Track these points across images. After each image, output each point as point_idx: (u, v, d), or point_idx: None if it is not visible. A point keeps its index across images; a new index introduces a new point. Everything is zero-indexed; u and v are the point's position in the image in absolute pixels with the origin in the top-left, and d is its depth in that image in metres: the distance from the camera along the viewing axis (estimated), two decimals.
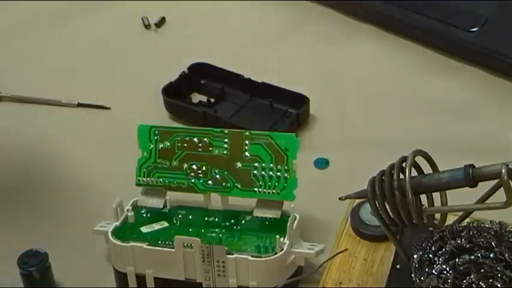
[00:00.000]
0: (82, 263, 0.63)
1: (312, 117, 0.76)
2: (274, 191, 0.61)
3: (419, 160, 0.52)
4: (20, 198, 0.70)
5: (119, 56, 0.86)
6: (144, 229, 0.61)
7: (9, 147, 0.75)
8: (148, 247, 0.58)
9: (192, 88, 0.80)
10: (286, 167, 0.61)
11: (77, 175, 0.72)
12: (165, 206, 0.63)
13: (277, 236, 0.58)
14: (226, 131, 0.62)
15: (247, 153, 0.62)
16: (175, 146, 0.63)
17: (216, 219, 0.62)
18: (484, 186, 0.51)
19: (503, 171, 0.48)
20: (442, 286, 0.49)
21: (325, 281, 0.57)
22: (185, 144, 0.63)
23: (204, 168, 0.62)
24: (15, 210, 0.69)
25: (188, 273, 0.58)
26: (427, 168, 0.52)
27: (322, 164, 0.71)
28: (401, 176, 0.51)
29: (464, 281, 0.49)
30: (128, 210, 0.62)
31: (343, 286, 0.57)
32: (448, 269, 0.50)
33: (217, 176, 0.62)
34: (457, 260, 0.50)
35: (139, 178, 0.63)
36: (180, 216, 0.62)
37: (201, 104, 0.77)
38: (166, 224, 0.61)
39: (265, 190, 0.61)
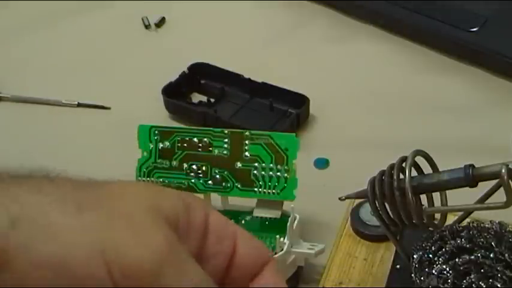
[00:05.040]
0: None
1: (312, 117, 0.76)
2: (274, 191, 0.61)
3: (419, 160, 0.52)
4: None
5: (119, 56, 0.86)
6: None
7: (9, 148, 0.75)
8: None
9: (192, 88, 0.80)
10: (286, 167, 0.61)
11: (77, 175, 0.72)
12: None
13: (277, 236, 0.58)
14: (226, 131, 0.62)
15: (247, 153, 0.62)
16: (175, 146, 0.63)
17: None
18: (484, 186, 0.51)
19: (503, 171, 0.48)
20: (442, 286, 0.49)
21: (325, 281, 0.57)
22: (185, 144, 0.63)
23: (204, 168, 0.62)
24: None
25: None
26: (427, 168, 0.52)
27: (322, 164, 0.71)
28: (401, 176, 0.51)
29: (464, 281, 0.49)
30: None
31: (343, 286, 0.57)
32: (448, 269, 0.50)
33: (217, 176, 0.62)
34: (457, 260, 0.50)
35: (139, 178, 0.63)
36: None
37: (201, 104, 0.77)
38: None
39: (265, 190, 0.61)
